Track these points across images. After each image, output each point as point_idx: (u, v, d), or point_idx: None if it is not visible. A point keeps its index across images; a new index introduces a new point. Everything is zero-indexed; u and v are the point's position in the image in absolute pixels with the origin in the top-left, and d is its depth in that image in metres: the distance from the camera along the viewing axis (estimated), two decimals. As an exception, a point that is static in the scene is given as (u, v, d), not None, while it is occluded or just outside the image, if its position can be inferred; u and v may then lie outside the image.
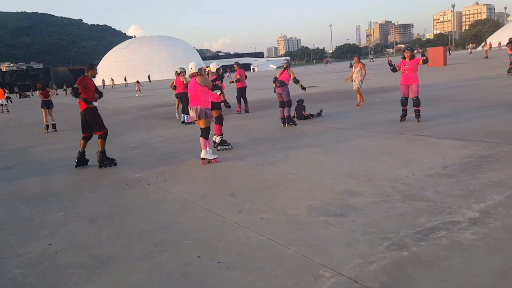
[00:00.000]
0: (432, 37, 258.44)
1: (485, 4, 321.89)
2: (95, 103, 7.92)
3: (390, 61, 10.42)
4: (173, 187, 6.17)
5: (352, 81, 14.17)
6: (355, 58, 14.59)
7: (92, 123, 7.96)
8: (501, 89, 14.60)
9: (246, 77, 16.07)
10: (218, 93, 7.84)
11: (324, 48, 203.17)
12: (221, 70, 9.39)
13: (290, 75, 11.10)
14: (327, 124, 10.78)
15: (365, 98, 14.36)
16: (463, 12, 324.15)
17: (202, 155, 7.48)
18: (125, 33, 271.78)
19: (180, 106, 14.46)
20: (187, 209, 5.16)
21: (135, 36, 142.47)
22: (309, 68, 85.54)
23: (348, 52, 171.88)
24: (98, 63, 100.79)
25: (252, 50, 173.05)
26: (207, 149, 7.45)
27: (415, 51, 13.76)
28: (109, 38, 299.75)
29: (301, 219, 4.43)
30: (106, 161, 8.09)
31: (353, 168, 6.26)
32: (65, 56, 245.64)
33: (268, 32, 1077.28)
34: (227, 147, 8.78)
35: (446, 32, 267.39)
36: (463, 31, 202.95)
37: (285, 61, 11.60)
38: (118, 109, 22.77)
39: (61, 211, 5.50)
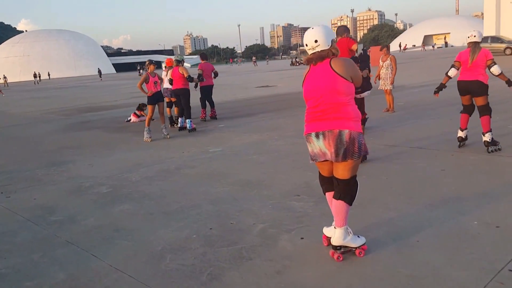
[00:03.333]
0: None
1: (376, 11, 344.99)
2: None
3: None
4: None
5: (379, 79, 11.02)
6: (384, 49, 11.11)
7: None
8: None
9: (215, 74, 12.21)
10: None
11: (234, 47, 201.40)
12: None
13: None
14: (372, 140, 7.54)
15: (372, 99, 11.37)
16: (358, 18, 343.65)
17: (330, 234, 3.53)
18: (15, 28, 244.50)
19: (167, 109, 11.16)
20: None
21: (26, 31, 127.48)
22: (229, 67, 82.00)
23: (257, 52, 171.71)
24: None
25: (161, 47, 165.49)
26: (346, 227, 3.38)
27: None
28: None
29: None
30: None
31: None
32: None
33: (173, 30, 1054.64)
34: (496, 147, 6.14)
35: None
36: (362, 35, 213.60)
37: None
38: (29, 114, 17.55)
39: None
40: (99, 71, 63.03)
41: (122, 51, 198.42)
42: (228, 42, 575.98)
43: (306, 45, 3.25)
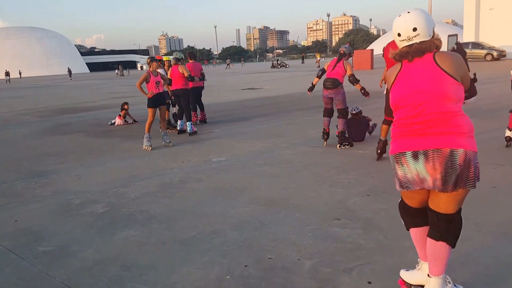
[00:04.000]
0: (308, 44, 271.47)
1: (351, 16, 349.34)
2: None
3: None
4: None
5: (385, 83, 10.29)
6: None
7: None
8: None
9: (202, 75, 11.31)
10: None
11: (210, 49, 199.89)
12: None
13: (346, 70, 7.23)
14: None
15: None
16: (333, 22, 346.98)
17: (413, 280, 2.80)
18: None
19: (169, 110, 10.33)
20: None
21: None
22: (205, 68, 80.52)
23: (234, 54, 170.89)
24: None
25: (136, 47, 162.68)
26: (444, 276, 2.59)
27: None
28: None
29: None
30: None
31: None
32: None
33: (148, 30, 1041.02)
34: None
35: (321, 39, 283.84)
36: (338, 39, 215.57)
37: (345, 47, 7.49)
38: (2, 115, 16.28)
39: None
40: (69, 71, 60.80)
41: (96, 50, 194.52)
42: (204, 43, 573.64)
43: (399, 34, 2.47)
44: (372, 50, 34.86)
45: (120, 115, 11.89)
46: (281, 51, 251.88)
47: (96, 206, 5.05)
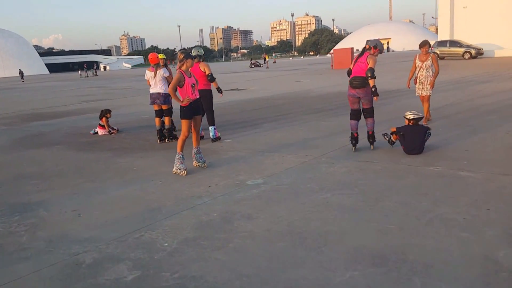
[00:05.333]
0: (272, 43, 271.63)
1: (314, 16, 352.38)
2: None
3: None
4: None
5: (416, 83, 9.00)
6: (425, 47, 8.59)
7: None
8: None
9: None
10: None
11: (174, 48, 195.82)
12: None
13: (368, 63, 6.42)
14: (447, 163, 5.53)
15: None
16: (296, 22, 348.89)
17: None
18: None
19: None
20: None
21: None
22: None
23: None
24: None
25: (97, 47, 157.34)
26: None
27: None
28: None
29: None
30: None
31: None
32: None
33: (109, 30, 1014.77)
34: None
35: (285, 39, 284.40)
36: (303, 39, 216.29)
37: (370, 41, 6.68)
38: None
39: None
40: (21, 72, 56.76)
41: (54, 50, 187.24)
42: (168, 43, 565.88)
43: None
44: (352, 48, 33.85)
45: (100, 125, 10.09)
46: (245, 51, 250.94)
47: (119, 267, 3.44)
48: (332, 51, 33.59)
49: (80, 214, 4.76)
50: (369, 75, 6.31)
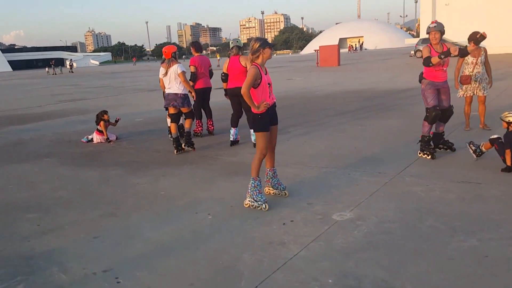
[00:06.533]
0: (243, 41, 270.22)
1: (282, 14, 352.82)
2: None
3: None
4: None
5: (461, 82, 7.55)
6: (471, 44, 6.83)
7: None
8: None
9: (211, 73, 8.69)
10: None
11: (142, 45, 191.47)
12: None
13: None
14: None
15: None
16: (265, 20, 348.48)
17: None
18: None
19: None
20: None
21: None
22: (133, 66, 75.46)
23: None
24: None
25: (62, 43, 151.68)
26: None
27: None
28: None
29: None
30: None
31: None
32: None
33: (73, 26, 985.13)
34: None
35: (254, 37, 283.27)
36: (273, 37, 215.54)
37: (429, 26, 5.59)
38: None
39: None
40: None
41: (16, 47, 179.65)
42: (135, 39, 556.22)
43: None
44: (338, 46, 32.75)
45: (99, 130, 8.42)
46: (214, 48, 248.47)
47: None
48: (318, 47, 32.25)
49: (118, 279, 3.17)
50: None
